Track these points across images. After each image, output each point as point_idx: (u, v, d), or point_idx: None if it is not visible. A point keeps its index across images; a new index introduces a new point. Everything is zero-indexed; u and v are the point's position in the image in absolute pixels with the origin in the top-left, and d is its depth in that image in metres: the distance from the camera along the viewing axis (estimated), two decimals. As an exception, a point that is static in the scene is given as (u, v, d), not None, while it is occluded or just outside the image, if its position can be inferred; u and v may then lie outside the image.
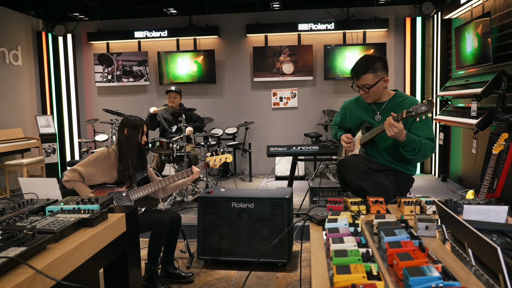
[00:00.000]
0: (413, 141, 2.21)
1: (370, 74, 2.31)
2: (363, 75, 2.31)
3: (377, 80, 2.32)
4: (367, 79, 2.32)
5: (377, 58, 2.37)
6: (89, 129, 7.07)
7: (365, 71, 2.31)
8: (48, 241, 1.41)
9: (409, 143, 2.21)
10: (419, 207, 1.74)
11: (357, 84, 2.37)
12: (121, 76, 6.92)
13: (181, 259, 3.45)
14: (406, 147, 2.23)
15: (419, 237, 1.33)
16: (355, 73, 2.36)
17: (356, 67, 2.36)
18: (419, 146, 2.23)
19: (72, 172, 2.71)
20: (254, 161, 6.70)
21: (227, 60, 6.81)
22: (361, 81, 2.34)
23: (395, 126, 2.12)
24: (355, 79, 2.36)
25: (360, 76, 2.32)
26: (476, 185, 4.59)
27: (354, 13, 6.43)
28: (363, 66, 2.33)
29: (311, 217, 1.66)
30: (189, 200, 4.80)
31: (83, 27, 6.99)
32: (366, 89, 2.34)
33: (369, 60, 2.35)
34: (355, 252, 1.18)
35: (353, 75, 2.38)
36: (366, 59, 2.36)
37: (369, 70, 2.30)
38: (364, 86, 2.33)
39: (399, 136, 2.17)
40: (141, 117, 2.98)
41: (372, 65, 2.31)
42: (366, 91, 2.35)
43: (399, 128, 2.13)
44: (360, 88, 2.37)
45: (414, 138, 2.23)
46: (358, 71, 2.33)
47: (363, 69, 2.31)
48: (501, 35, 4.28)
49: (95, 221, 1.69)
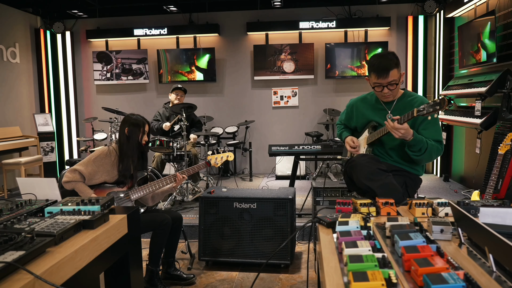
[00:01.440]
0: (419, 141, 2.16)
1: (395, 69, 2.23)
2: (391, 70, 2.21)
3: (399, 75, 2.27)
4: (394, 75, 2.23)
5: (393, 53, 2.32)
6: (87, 128, 7.00)
7: (392, 66, 2.22)
8: (47, 245, 1.35)
9: (416, 143, 2.16)
10: (431, 209, 1.69)
11: (381, 83, 2.25)
12: (120, 74, 6.85)
13: (182, 260, 3.39)
14: (412, 147, 2.19)
15: (435, 241, 1.27)
16: (383, 71, 2.22)
17: (383, 64, 2.22)
18: (425, 147, 2.18)
19: (72, 173, 2.64)
20: (254, 160, 6.64)
21: (227, 59, 6.75)
22: (390, 78, 2.23)
23: (399, 129, 2.08)
24: (383, 77, 2.22)
25: (389, 73, 2.21)
26: (480, 185, 4.54)
27: (355, 11, 6.38)
28: (389, 62, 2.22)
29: (320, 219, 1.61)
30: (189, 200, 4.74)
31: (82, 25, 6.91)
32: (394, 85, 2.25)
33: (391, 55, 2.27)
34: (371, 258, 1.12)
35: (378, 73, 2.24)
36: (387, 55, 2.27)
37: (394, 66, 2.22)
38: (391, 82, 2.24)
39: (406, 136, 2.13)
40: (143, 116, 2.90)
41: (396, 60, 2.24)
42: (393, 87, 2.26)
43: (404, 128, 2.09)
44: (385, 86, 2.25)
45: (421, 138, 2.18)
46: (387, 68, 2.21)
47: (391, 65, 2.21)
48: (505, 34, 4.23)
49: (96, 223, 1.63)
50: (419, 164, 2.36)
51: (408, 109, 2.33)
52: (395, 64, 2.22)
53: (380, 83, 2.24)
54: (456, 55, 5.54)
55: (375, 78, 2.25)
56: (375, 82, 2.26)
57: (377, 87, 2.27)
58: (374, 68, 2.25)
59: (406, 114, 2.11)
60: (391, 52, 2.30)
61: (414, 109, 2.07)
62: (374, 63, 2.25)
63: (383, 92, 2.27)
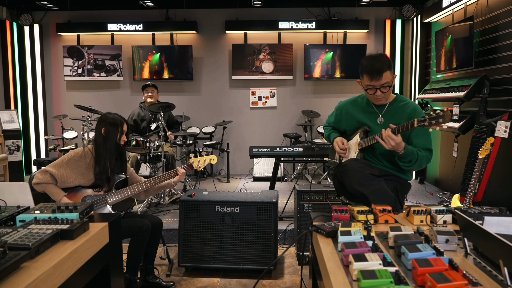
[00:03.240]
0: (410, 153, 2.13)
1: (388, 71, 2.17)
2: (384, 72, 2.15)
3: (392, 77, 2.22)
4: (387, 77, 2.17)
5: (385, 55, 2.27)
6: (57, 126, 6.67)
7: (385, 68, 2.16)
8: (22, 259, 1.21)
9: (407, 155, 2.12)
10: (429, 217, 1.65)
11: (374, 85, 2.19)
12: (92, 71, 6.57)
13: (160, 266, 3.24)
14: (403, 158, 2.15)
15: (444, 253, 1.22)
16: (377, 73, 2.15)
17: (376, 65, 2.16)
18: (416, 158, 2.15)
19: (43, 174, 2.46)
20: (231, 161, 6.52)
21: (205, 57, 6.60)
22: (383, 80, 2.17)
23: (393, 139, 2.03)
24: (376, 79, 2.16)
25: (383, 75, 2.15)
26: (457, 188, 4.61)
27: (335, 13, 6.38)
28: (382, 64, 2.16)
29: (319, 228, 1.53)
30: (166, 202, 4.58)
31: (52, 17, 6.57)
32: (387, 87, 2.20)
33: (384, 57, 2.22)
34: (385, 273, 1.05)
35: (371, 75, 2.17)
36: (379, 57, 2.21)
37: (388, 68, 2.17)
38: (384, 85, 2.19)
39: (397, 149, 2.08)
40: (121, 115, 2.75)
41: (388, 62, 2.19)
42: (386, 90, 2.20)
43: (397, 141, 2.04)
44: (378, 88, 2.19)
45: (412, 150, 2.14)
46: (381, 70, 2.14)
47: (384, 67, 2.15)
48: (483, 40, 4.32)
49: (76, 232, 1.48)
50: (407, 171, 2.33)
51: (399, 114, 2.29)
52: (388, 66, 2.17)
53: (373, 85, 2.19)
54: (432, 60, 5.63)
55: (368, 80, 2.19)
56: (367, 84, 2.20)
57: (369, 89, 2.22)
58: (366, 70, 2.19)
59: (404, 124, 2.05)
60: (383, 54, 2.25)
61: (414, 120, 2.01)
62: (367, 65, 2.19)
63: (376, 94, 2.21)
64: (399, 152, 2.10)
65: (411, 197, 4.91)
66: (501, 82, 4.05)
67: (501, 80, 4.04)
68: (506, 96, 3.99)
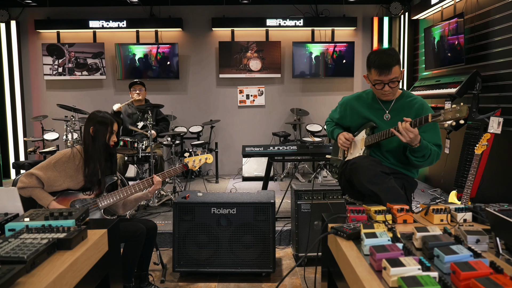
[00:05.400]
0: (425, 147, 2.06)
1: (397, 66, 2.11)
2: (394, 66, 2.08)
3: (401, 72, 2.15)
4: (396, 72, 2.11)
5: (394, 49, 2.22)
6: (36, 127, 6.39)
7: (395, 62, 2.09)
8: (18, 274, 1.06)
9: (421, 149, 2.05)
10: (450, 216, 1.57)
11: (382, 80, 2.12)
12: (74, 69, 6.33)
13: (153, 271, 3.10)
14: (416, 152, 2.07)
15: (481, 255, 1.14)
16: (385, 66, 2.08)
17: (385, 59, 2.09)
18: (429, 153, 2.09)
19: (29, 177, 2.29)
20: (219, 161, 6.39)
21: (191, 55, 6.45)
22: (392, 75, 2.10)
23: (411, 131, 1.95)
24: (385, 74, 2.09)
25: (392, 69, 2.08)
26: (450, 184, 4.61)
27: (322, 10, 6.32)
28: (391, 58, 2.09)
29: (338, 230, 1.43)
30: (155, 205, 4.42)
31: (30, 14, 6.29)
32: (396, 82, 2.13)
33: (392, 51, 2.16)
34: (429, 280, 0.96)
35: (380, 70, 2.10)
36: (388, 51, 2.15)
37: (397, 62, 2.10)
38: (393, 80, 2.11)
39: (414, 141, 2.00)
40: (112, 114, 2.59)
41: (397, 56, 2.13)
42: (395, 85, 2.13)
43: (415, 133, 1.96)
44: (386, 83, 2.12)
45: (426, 144, 2.07)
46: (390, 64, 2.07)
47: (393, 61, 2.08)
48: (473, 36, 4.32)
49: (74, 241, 1.34)
50: (417, 168, 2.26)
51: (406, 110, 2.22)
52: (397, 61, 2.10)
53: (381, 80, 2.11)
54: (421, 57, 5.64)
55: (377, 75, 2.11)
56: (376, 79, 2.13)
57: (377, 84, 2.14)
58: (375, 64, 2.11)
59: (418, 119, 1.98)
60: (392, 48, 2.18)
61: (428, 114, 1.95)
62: (375, 60, 2.11)
63: (384, 90, 2.14)
64: (414, 146, 2.01)
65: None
66: (492, 78, 4.06)
67: (492, 76, 4.05)
68: (497, 92, 4.00)
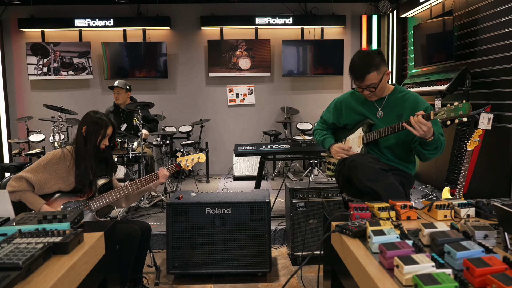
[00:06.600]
0: (437, 139, 2.03)
1: (373, 72, 2.10)
2: (367, 75, 2.10)
3: (381, 76, 2.13)
4: (371, 78, 2.11)
5: (374, 53, 2.17)
6: (21, 128, 6.23)
7: (368, 71, 2.09)
8: (13, 282, 1.01)
9: (435, 141, 2.02)
10: (453, 211, 1.56)
11: (359, 86, 2.15)
12: (59, 69, 6.19)
13: (146, 273, 3.03)
14: (430, 145, 2.04)
15: (492, 250, 1.12)
16: (357, 76, 2.11)
17: (357, 69, 2.12)
18: (440, 143, 2.07)
19: (18, 181, 2.21)
20: (209, 160, 6.33)
21: (179, 54, 6.37)
22: (366, 82, 2.12)
23: (425, 124, 1.92)
24: (359, 82, 2.13)
25: (365, 78, 2.10)
26: (439, 180, 4.66)
27: (311, 9, 6.31)
28: (364, 66, 2.10)
29: (343, 228, 1.41)
30: (146, 206, 4.35)
31: (13, 12, 6.12)
32: (373, 88, 2.14)
33: (368, 57, 2.13)
34: (446, 277, 0.94)
35: (354, 77, 2.14)
36: (364, 57, 2.14)
37: (371, 69, 2.10)
38: (370, 86, 2.13)
39: (428, 134, 1.96)
40: (109, 116, 2.52)
41: (373, 62, 2.10)
42: (372, 90, 2.15)
43: (428, 126, 1.93)
44: (364, 89, 2.15)
45: (438, 136, 2.05)
46: (361, 73, 2.10)
47: (366, 69, 2.09)
48: (462, 33, 4.36)
49: (70, 245, 1.29)
50: (427, 161, 2.23)
51: (400, 105, 2.22)
52: (374, 67, 2.10)
53: (358, 85, 2.16)
54: (410, 54, 5.68)
55: (353, 81, 2.17)
56: (354, 83, 2.17)
57: (358, 88, 2.19)
58: (350, 70, 2.17)
59: (425, 114, 1.95)
60: (372, 52, 2.15)
61: (430, 112, 1.93)
62: (352, 65, 2.16)
63: (364, 93, 2.19)
64: (427, 139, 1.99)
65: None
66: (481, 75, 4.09)
67: (482, 73, 4.08)
68: (486, 88, 4.04)
